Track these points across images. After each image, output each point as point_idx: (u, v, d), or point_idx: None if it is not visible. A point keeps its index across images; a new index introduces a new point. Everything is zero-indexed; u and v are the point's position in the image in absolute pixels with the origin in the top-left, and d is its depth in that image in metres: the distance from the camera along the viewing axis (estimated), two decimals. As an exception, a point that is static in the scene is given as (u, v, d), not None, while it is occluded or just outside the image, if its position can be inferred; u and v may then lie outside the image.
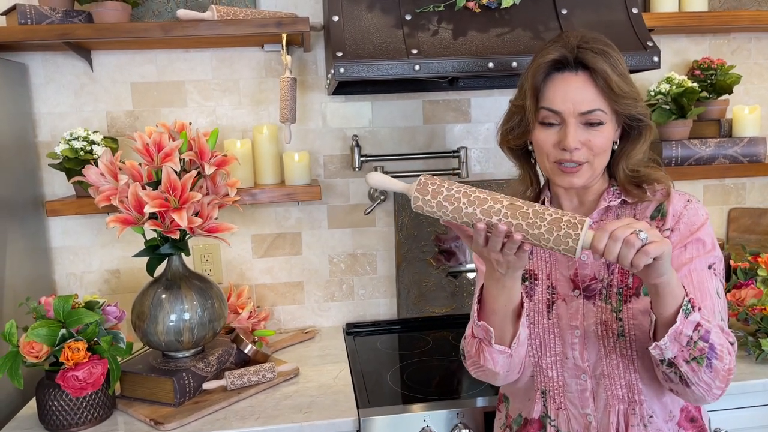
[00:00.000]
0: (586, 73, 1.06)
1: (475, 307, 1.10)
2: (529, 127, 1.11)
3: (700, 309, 0.96)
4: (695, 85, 1.83)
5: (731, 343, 1.01)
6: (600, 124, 1.06)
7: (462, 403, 1.42)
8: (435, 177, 0.97)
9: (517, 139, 1.15)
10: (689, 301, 0.94)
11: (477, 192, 0.94)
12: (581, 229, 0.88)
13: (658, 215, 1.11)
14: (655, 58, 1.48)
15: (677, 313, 0.94)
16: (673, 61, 2.02)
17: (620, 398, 1.09)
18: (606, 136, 1.07)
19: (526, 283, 1.17)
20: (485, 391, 1.45)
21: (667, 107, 1.84)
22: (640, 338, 1.06)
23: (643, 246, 0.87)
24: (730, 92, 1.90)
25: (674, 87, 1.81)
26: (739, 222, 2.09)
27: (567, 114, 1.06)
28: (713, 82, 1.91)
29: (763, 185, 2.10)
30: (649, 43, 1.49)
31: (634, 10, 1.55)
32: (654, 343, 0.96)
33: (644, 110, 1.08)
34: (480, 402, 1.41)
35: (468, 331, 1.17)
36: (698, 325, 0.95)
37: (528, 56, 1.46)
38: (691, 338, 0.95)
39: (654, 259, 0.88)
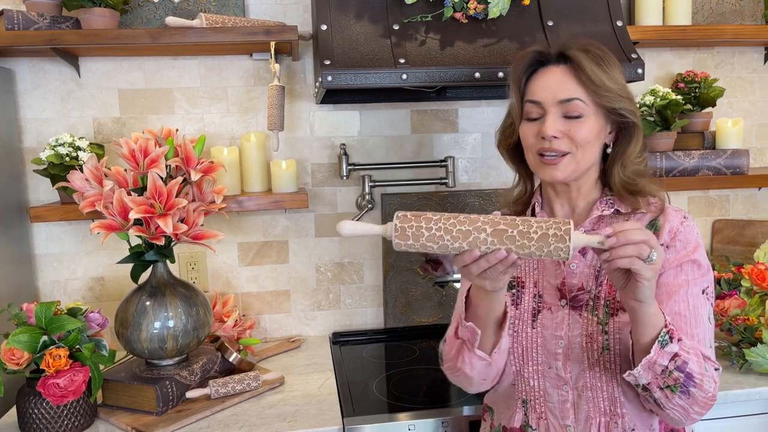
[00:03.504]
0: (568, 65, 1.08)
1: (461, 307, 1.09)
2: (516, 124, 1.13)
3: (680, 340, 0.97)
4: (679, 97, 1.85)
5: (716, 369, 1.02)
6: (580, 116, 1.07)
7: (447, 412, 1.41)
8: (408, 215, 0.93)
9: (508, 137, 1.17)
10: (668, 332, 0.95)
11: (457, 224, 0.91)
12: (569, 240, 0.89)
13: (652, 229, 1.10)
14: (639, 70, 1.50)
15: (653, 342, 0.95)
16: (658, 74, 2.05)
17: (602, 411, 1.08)
18: (588, 128, 1.07)
19: (513, 290, 1.16)
20: (471, 400, 1.45)
21: (652, 119, 1.86)
22: (624, 352, 1.06)
23: (645, 261, 0.89)
24: (714, 105, 1.93)
25: (658, 99, 1.83)
26: (723, 233, 2.11)
27: (546, 103, 1.08)
28: (697, 94, 1.93)
29: (746, 197, 2.13)
30: (634, 56, 1.51)
31: (619, 23, 1.57)
32: (628, 372, 0.98)
33: (629, 107, 1.08)
34: (466, 411, 1.41)
35: (450, 332, 1.16)
36: (675, 355, 0.96)
37: (514, 67, 1.47)
38: (667, 368, 0.96)
39: (637, 279, 0.90)
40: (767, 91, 2.11)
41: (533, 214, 1.19)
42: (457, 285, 1.97)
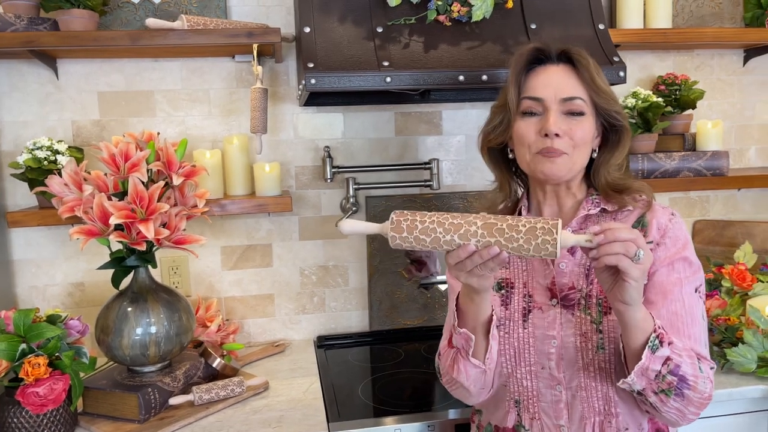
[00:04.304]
0: (568, 65, 1.10)
1: (453, 315, 1.08)
2: (511, 121, 1.12)
3: (671, 343, 0.97)
4: (660, 99, 1.87)
5: (711, 368, 1.03)
6: (581, 114, 1.08)
7: (434, 416, 1.41)
8: (405, 212, 0.97)
9: (499, 136, 1.15)
10: (657, 336, 0.95)
11: (450, 218, 0.94)
12: (557, 232, 0.90)
13: (639, 226, 1.10)
14: (621, 73, 1.51)
15: (644, 347, 0.95)
16: (639, 77, 2.07)
17: (596, 410, 1.08)
18: (586, 129, 1.08)
19: (503, 291, 1.15)
20: (457, 403, 1.45)
21: (633, 121, 1.88)
22: (619, 351, 1.05)
23: (632, 259, 0.89)
24: (694, 107, 1.95)
25: (640, 102, 1.85)
26: (703, 234, 2.13)
27: (549, 100, 1.08)
28: (677, 97, 1.95)
29: (726, 198, 2.16)
30: (615, 59, 1.52)
31: (601, 26, 1.58)
32: (622, 380, 0.98)
33: (622, 111, 1.11)
34: (452, 414, 1.41)
35: (443, 342, 1.15)
36: (668, 359, 0.96)
37: (498, 69, 1.48)
38: (660, 372, 0.96)
39: (624, 279, 0.90)
40: (746, 93, 2.14)
41: None
42: (442, 286, 1.97)
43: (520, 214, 1.19)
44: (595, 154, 1.14)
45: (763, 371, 1.49)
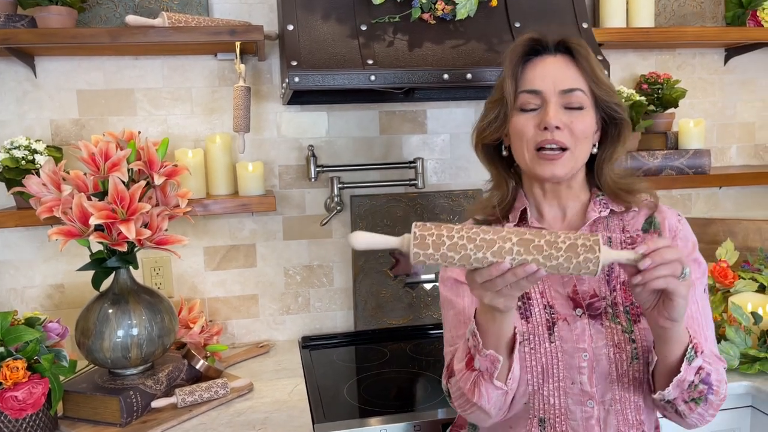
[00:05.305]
0: (566, 56, 1.06)
1: (474, 335, 0.98)
2: (508, 116, 1.07)
3: (702, 352, 0.95)
4: (643, 98, 1.88)
5: (724, 368, 1.02)
6: (581, 108, 1.04)
7: (419, 416, 1.40)
8: (428, 224, 0.87)
9: (494, 132, 1.10)
10: (693, 347, 0.94)
11: (480, 233, 0.86)
12: (599, 250, 0.85)
13: (650, 228, 1.08)
14: (605, 72, 1.51)
15: (681, 358, 0.94)
16: (622, 75, 2.08)
17: (630, 423, 1.04)
18: (587, 122, 1.04)
19: (520, 303, 1.08)
20: (443, 402, 1.45)
21: (617, 120, 1.89)
22: (647, 360, 1.02)
23: (679, 278, 0.86)
24: (676, 106, 1.97)
25: (623, 100, 1.85)
26: (685, 231, 2.15)
27: (548, 92, 1.04)
28: (660, 95, 1.97)
29: (707, 196, 2.18)
30: (599, 57, 1.52)
31: (585, 25, 1.59)
32: (659, 392, 0.97)
33: (622, 103, 1.07)
34: (439, 414, 1.40)
35: (459, 365, 1.03)
36: (700, 368, 0.95)
37: (482, 68, 1.48)
38: (693, 382, 0.95)
39: (672, 298, 0.87)
40: (727, 92, 2.16)
41: (522, 219, 1.13)
42: (427, 286, 1.96)
43: (522, 214, 1.14)
44: (595, 150, 1.10)
45: (746, 368, 1.50)
